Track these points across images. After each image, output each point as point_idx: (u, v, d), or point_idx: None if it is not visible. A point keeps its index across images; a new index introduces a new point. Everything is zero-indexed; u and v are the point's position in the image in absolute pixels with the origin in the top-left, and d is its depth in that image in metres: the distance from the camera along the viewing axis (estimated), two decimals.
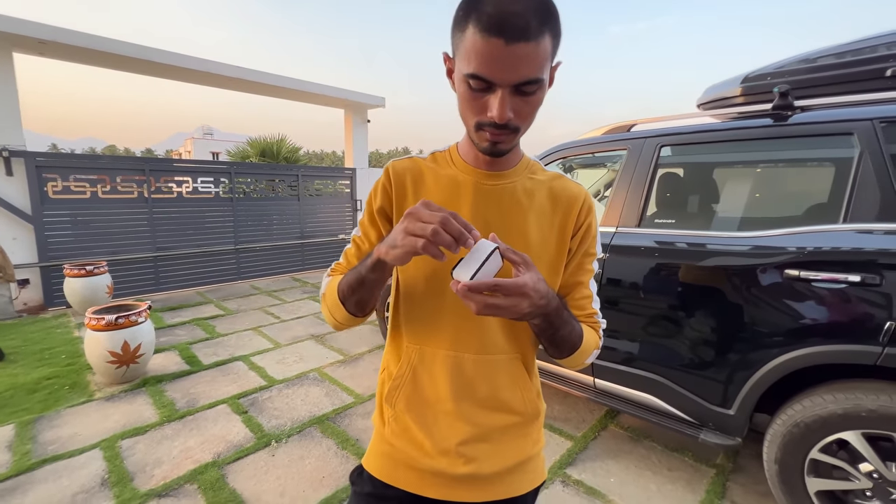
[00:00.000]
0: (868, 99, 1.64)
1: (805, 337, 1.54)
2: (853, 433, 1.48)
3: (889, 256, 1.40)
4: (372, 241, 0.75)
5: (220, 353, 3.42)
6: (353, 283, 0.67)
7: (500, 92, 0.56)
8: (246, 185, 6.06)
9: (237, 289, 5.59)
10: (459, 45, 0.57)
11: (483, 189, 0.71)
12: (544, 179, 0.75)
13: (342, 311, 0.71)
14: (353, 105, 7.66)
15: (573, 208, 0.74)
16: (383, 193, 0.74)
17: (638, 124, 2.22)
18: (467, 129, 0.66)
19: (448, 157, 0.75)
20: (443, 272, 0.70)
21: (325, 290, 0.76)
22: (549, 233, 0.73)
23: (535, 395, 0.78)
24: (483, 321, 0.71)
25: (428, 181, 0.73)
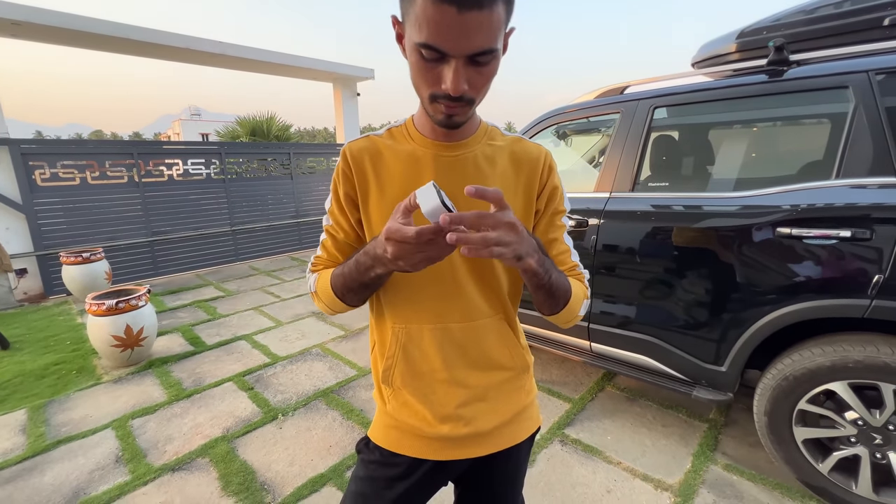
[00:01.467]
0: (865, 50, 1.61)
1: (796, 293, 1.57)
2: (840, 384, 1.53)
3: (880, 210, 1.41)
4: (345, 230, 0.75)
5: (222, 334, 3.47)
6: (354, 286, 0.68)
7: (453, 63, 0.54)
8: (237, 166, 5.98)
9: (236, 270, 5.61)
10: (409, 9, 0.54)
11: (443, 161, 0.70)
12: (504, 144, 0.75)
13: (342, 305, 0.73)
14: (341, 78, 7.47)
15: (535, 169, 0.75)
16: (345, 179, 0.73)
17: (631, 86, 2.17)
18: (421, 101, 0.64)
19: (405, 132, 0.74)
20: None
21: (315, 287, 0.77)
22: (515, 196, 0.74)
23: (523, 349, 0.81)
24: (463, 290, 0.72)
25: (387, 159, 0.72)
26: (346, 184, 0.73)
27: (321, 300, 0.76)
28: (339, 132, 8.01)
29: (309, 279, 0.79)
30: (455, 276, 0.72)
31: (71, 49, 5.80)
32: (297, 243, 6.65)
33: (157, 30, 5.50)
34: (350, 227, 0.75)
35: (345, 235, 0.75)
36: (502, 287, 0.76)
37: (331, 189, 0.76)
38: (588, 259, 2.07)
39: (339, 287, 0.70)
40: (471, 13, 0.51)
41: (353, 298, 0.71)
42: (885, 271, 1.39)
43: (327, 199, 0.77)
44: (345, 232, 0.75)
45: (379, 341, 0.79)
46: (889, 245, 1.39)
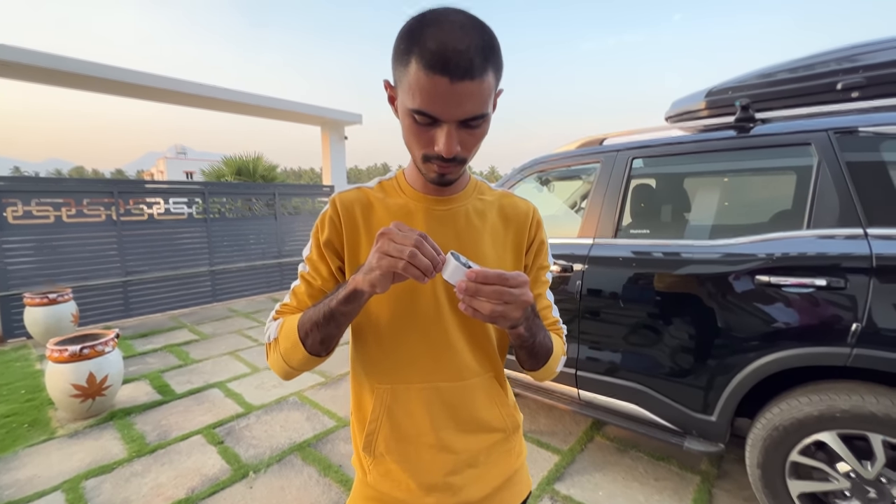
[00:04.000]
0: (823, 111, 1.73)
1: (778, 341, 1.58)
2: (829, 434, 1.52)
3: (850, 260, 1.46)
4: (323, 276, 0.71)
5: (194, 381, 3.28)
6: (320, 319, 0.61)
7: (445, 127, 0.56)
8: (221, 205, 5.94)
9: (213, 312, 5.41)
10: (402, 78, 0.56)
11: (435, 214, 0.71)
12: (493, 199, 0.76)
13: (301, 352, 0.64)
14: (329, 122, 7.65)
15: (524, 225, 0.76)
16: (331, 226, 0.70)
17: (609, 138, 2.28)
18: (414, 159, 0.65)
19: (396, 185, 0.74)
20: (407, 305, 0.68)
21: (274, 334, 0.69)
22: (504, 251, 0.74)
23: (513, 408, 0.77)
24: (454, 347, 0.70)
25: (378, 211, 0.71)
26: (331, 230, 0.71)
27: (278, 349, 0.67)
28: (325, 174, 8.10)
29: (268, 328, 0.71)
30: (446, 333, 0.69)
31: (57, 88, 5.82)
32: (279, 284, 6.51)
33: (145, 72, 5.59)
34: (329, 275, 0.72)
35: (322, 282, 0.71)
36: (492, 344, 0.74)
37: (311, 235, 0.73)
38: (573, 304, 2.07)
39: (304, 323, 0.63)
40: (462, 83, 0.53)
41: (315, 338, 0.62)
42: (861, 320, 1.42)
43: (306, 246, 0.75)
44: (322, 279, 0.72)
45: (360, 405, 0.74)
46: (863, 294, 1.43)
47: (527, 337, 0.64)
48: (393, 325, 0.69)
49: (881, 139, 1.52)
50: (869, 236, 1.46)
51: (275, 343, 0.70)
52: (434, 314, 0.69)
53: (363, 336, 0.71)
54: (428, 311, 0.69)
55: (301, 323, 0.65)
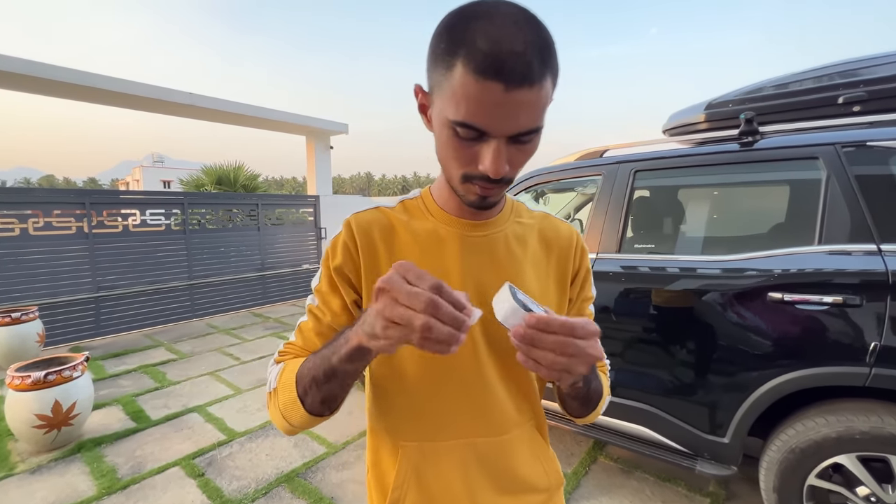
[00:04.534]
0: (825, 125, 1.72)
1: (794, 360, 1.53)
2: (848, 456, 1.47)
3: (866, 276, 1.42)
4: (335, 312, 0.60)
5: (171, 405, 3.07)
6: (320, 376, 0.51)
7: (494, 143, 0.47)
8: (201, 216, 5.72)
9: (191, 328, 5.16)
10: (443, 83, 0.47)
11: (471, 242, 0.61)
12: (532, 222, 0.68)
13: (299, 410, 0.54)
14: (315, 132, 7.52)
15: (568, 252, 0.67)
16: (345, 253, 0.60)
17: (610, 150, 2.24)
18: (449, 178, 0.55)
19: (422, 206, 0.64)
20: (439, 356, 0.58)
21: (275, 382, 0.59)
22: (547, 282, 0.65)
23: (555, 462, 0.68)
24: (494, 396, 0.60)
25: (402, 236, 0.61)
26: (345, 258, 0.60)
27: (276, 401, 0.57)
28: (310, 184, 7.93)
29: (270, 373, 0.61)
30: (484, 379, 0.60)
31: (29, 95, 5.55)
32: (261, 298, 6.29)
33: (121, 78, 5.38)
34: (341, 309, 0.61)
35: (332, 318, 0.60)
36: (535, 389, 0.65)
37: (321, 263, 0.63)
38: None
39: (304, 377, 0.54)
40: (519, 91, 0.44)
41: (315, 396, 0.53)
42: (880, 338, 1.39)
43: (315, 275, 0.64)
44: (333, 314, 0.60)
45: (379, 464, 0.63)
46: (881, 312, 1.39)
47: (582, 388, 0.56)
48: (422, 373, 0.59)
49: (890, 153, 1.50)
50: (883, 252, 1.43)
51: (274, 394, 0.59)
52: (471, 358, 0.59)
53: (384, 386, 0.61)
54: (464, 355, 0.59)
55: (300, 376, 0.55)
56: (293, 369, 0.56)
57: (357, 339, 0.46)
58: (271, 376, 0.61)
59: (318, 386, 0.52)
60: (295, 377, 0.55)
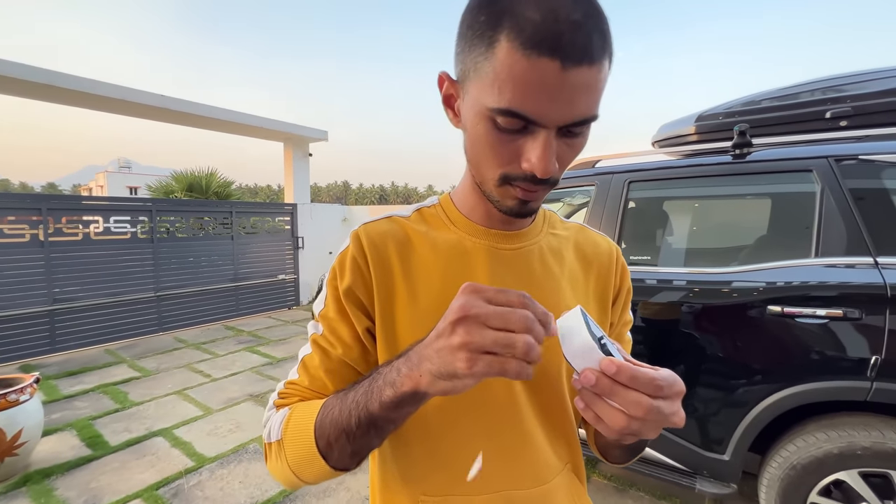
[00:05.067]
0: (817, 138, 1.74)
1: (795, 374, 1.51)
2: (849, 473, 1.45)
3: (865, 290, 1.42)
4: (346, 343, 0.51)
5: (133, 429, 2.83)
6: (352, 427, 0.42)
7: (542, 135, 0.40)
8: (170, 224, 5.43)
9: (158, 343, 4.85)
10: (481, 65, 0.40)
11: (501, 256, 0.53)
12: (568, 234, 0.60)
13: (319, 466, 0.45)
14: (293, 138, 7.33)
15: (609, 269, 0.60)
16: (354, 271, 0.51)
17: (602, 160, 2.21)
18: (481, 181, 0.47)
19: (443, 215, 0.56)
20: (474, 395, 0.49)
21: (278, 433, 0.49)
22: (587, 303, 0.57)
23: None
24: (532, 442, 0.52)
25: (420, 250, 0.53)
26: (355, 276, 0.51)
27: (284, 456, 0.47)
28: (287, 191, 7.71)
29: (269, 421, 0.51)
30: (521, 423, 0.51)
31: None
32: (234, 310, 6.00)
33: (84, 77, 5.08)
34: (353, 340, 0.51)
35: (343, 350, 0.51)
36: (574, 427, 0.56)
37: (327, 284, 0.53)
38: None
39: (325, 427, 0.44)
40: (579, 70, 0.36)
41: (345, 450, 0.44)
42: (881, 352, 1.38)
43: (318, 297, 0.54)
44: (344, 346, 0.51)
45: None
46: (880, 325, 1.39)
47: (637, 441, 0.49)
48: (446, 412, 0.50)
49: (882, 167, 1.52)
50: (880, 265, 1.43)
51: (278, 446, 0.49)
52: (505, 394, 0.51)
53: (404, 430, 0.51)
54: (498, 396, 0.50)
55: (320, 425, 0.45)
56: (305, 417, 0.47)
57: (413, 382, 0.37)
58: (272, 425, 0.50)
59: (350, 438, 0.43)
60: (313, 427, 0.45)
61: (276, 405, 0.52)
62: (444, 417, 0.50)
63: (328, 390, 0.51)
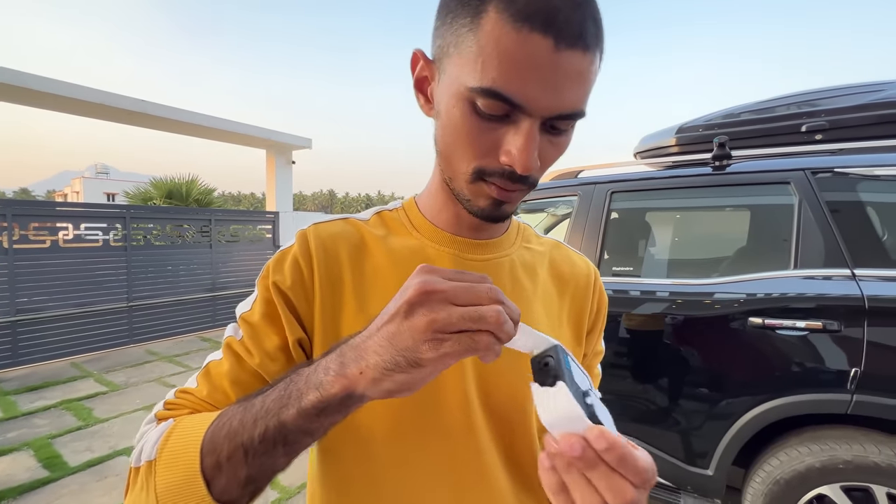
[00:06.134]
0: (794, 151, 1.76)
1: (777, 387, 1.50)
2: (831, 487, 1.43)
3: (843, 301, 1.42)
4: (267, 352, 0.43)
5: (95, 448, 2.67)
6: (254, 440, 0.33)
7: (526, 125, 0.36)
8: (146, 232, 5.25)
9: (128, 355, 4.65)
10: (463, 38, 0.36)
11: (469, 267, 0.48)
12: (542, 250, 0.56)
13: (197, 494, 0.34)
14: (276, 146, 7.24)
15: (585, 293, 0.55)
16: (295, 272, 0.45)
17: (585, 170, 2.21)
18: (451, 176, 0.43)
19: (405, 220, 0.51)
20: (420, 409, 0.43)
21: (152, 451, 0.37)
22: (560, 329, 0.52)
23: None
24: (489, 476, 0.46)
25: (376, 256, 0.47)
26: (295, 280, 0.45)
27: (155, 480, 0.35)
28: (269, 200, 7.58)
29: (143, 438, 0.40)
30: (481, 462, 0.45)
31: None
32: (211, 321, 5.81)
33: (63, 81, 4.94)
34: (278, 351, 0.44)
35: (261, 361, 0.43)
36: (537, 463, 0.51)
37: (257, 283, 0.47)
38: None
39: (221, 440, 0.34)
40: (572, 53, 0.33)
41: (237, 473, 0.34)
42: (860, 364, 1.37)
43: (247, 300, 0.47)
44: (264, 356, 0.43)
45: None
46: (859, 337, 1.39)
47: None
48: (395, 440, 0.44)
49: (857, 180, 1.54)
50: (857, 277, 1.43)
51: (147, 470, 0.36)
52: (463, 422, 0.45)
53: (339, 455, 0.45)
54: (453, 418, 0.44)
55: (211, 439, 0.35)
56: (193, 431, 0.36)
57: (347, 382, 0.31)
58: (147, 442, 0.38)
59: (247, 456, 0.33)
60: (201, 443, 0.35)
61: (158, 417, 0.42)
62: (392, 443, 0.44)
63: (229, 402, 0.42)
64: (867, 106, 1.74)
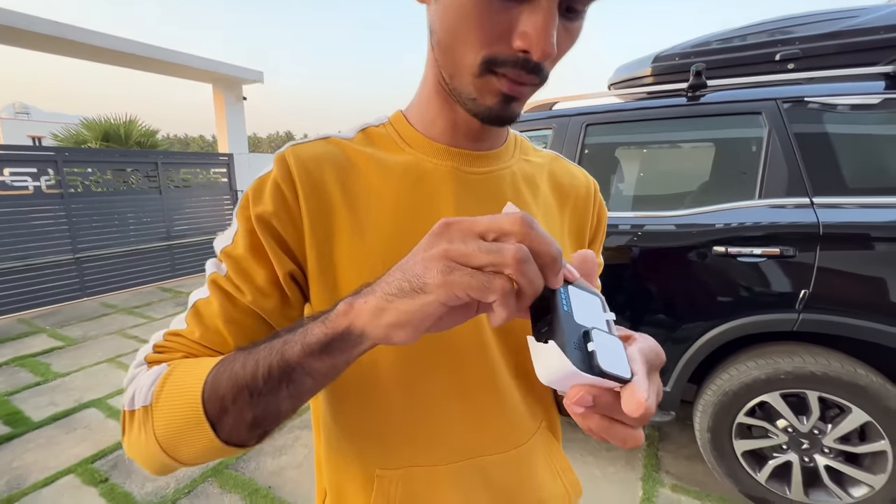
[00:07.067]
0: (768, 80, 1.75)
1: (733, 309, 1.61)
2: (772, 395, 1.59)
3: (800, 229, 1.50)
4: (259, 288, 0.40)
5: (59, 402, 2.58)
6: (258, 380, 0.32)
7: (544, 3, 0.31)
8: (84, 178, 4.78)
9: (82, 309, 4.42)
10: None
11: (469, 180, 0.45)
12: (542, 162, 0.52)
13: (204, 437, 0.33)
14: (223, 79, 6.58)
15: (586, 205, 0.53)
16: (277, 199, 0.40)
17: (559, 102, 2.13)
18: (454, 73, 0.38)
19: (394, 134, 0.46)
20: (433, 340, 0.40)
21: (148, 396, 0.36)
22: (561, 241, 0.51)
23: (572, 471, 0.55)
24: (505, 401, 0.46)
25: (367, 175, 0.43)
26: (280, 211, 0.40)
27: (153, 424, 0.35)
28: (221, 141, 7.02)
29: (134, 381, 0.38)
30: (493, 378, 0.44)
31: None
32: (170, 270, 5.56)
33: None
34: (270, 286, 0.40)
35: (254, 298, 0.40)
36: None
37: (237, 215, 0.41)
38: None
39: (223, 382, 0.33)
40: None
41: (244, 415, 0.33)
42: (809, 286, 1.48)
43: (223, 233, 0.43)
44: (256, 292, 0.40)
45: (342, 499, 0.46)
46: (811, 261, 1.48)
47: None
48: (407, 373, 0.42)
49: (825, 110, 1.56)
50: (815, 205, 1.50)
51: (144, 414, 0.36)
52: (476, 351, 0.43)
53: (348, 392, 0.43)
54: (467, 347, 0.43)
55: (214, 382, 0.34)
56: (192, 375, 0.35)
57: (354, 315, 0.29)
58: (139, 386, 0.37)
59: (253, 396, 0.32)
60: (203, 386, 0.34)
61: (149, 361, 0.40)
62: (404, 376, 0.42)
63: (228, 347, 0.40)
64: (840, 34, 1.73)
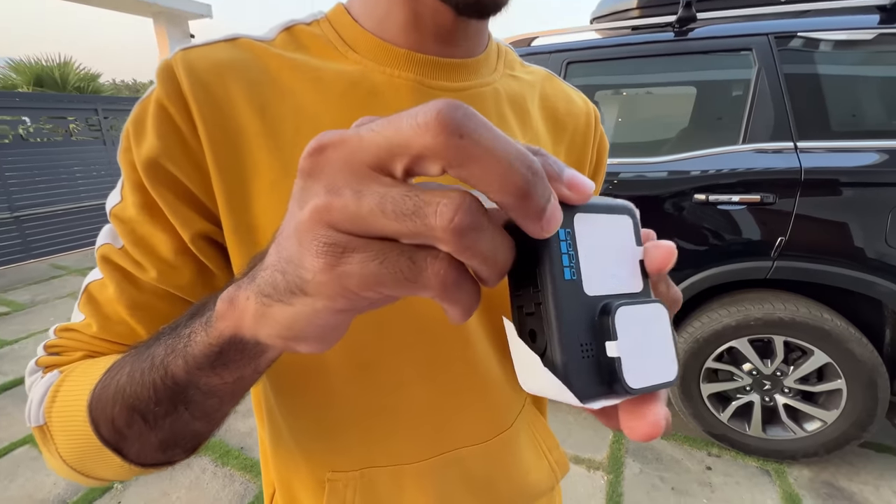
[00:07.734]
0: (763, 13, 1.63)
1: (709, 258, 1.59)
2: (740, 341, 1.62)
3: (782, 174, 1.45)
4: (164, 259, 0.30)
5: (8, 371, 2.42)
6: (151, 404, 0.23)
7: None
8: (12, 126, 4.27)
9: (28, 272, 4.11)
10: None
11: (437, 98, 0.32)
12: (532, 80, 0.40)
13: (112, 463, 0.26)
14: (165, 13, 5.85)
15: (587, 138, 0.42)
16: (164, 130, 0.28)
17: (539, 37, 1.95)
18: None
19: (332, 35, 0.33)
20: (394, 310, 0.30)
21: (41, 415, 0.29)
22: None
23: (559, 448, 0.48)
24: (486, 380, 0.37)
25: (295, 91, 0.31)
26: (173, 148, 0.29)
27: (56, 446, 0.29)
28: None
29: (30, 390, 0.31)
30: (472, 354, 0.35)
31: None
32: None
33: None
34: (177, 255, 0.30)
35: (159, 273, 0.30)
36: None
37: (119, 159, 0.30)
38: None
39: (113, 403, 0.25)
40: None
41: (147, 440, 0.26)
42: (786, 233, 1.46)
43: (113, 191, 0.31)
44: (161, 265, 0.30)
45: (288, 498, 0.38)
46: (790, 208, 1.45)
47: None
48: (359, 352, 0.32)
49: (816, 48, 1.47)
50: (798, 150, 1.45)
51: (42, 434, 0.29)
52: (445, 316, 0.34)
53: (288, 377, 0.33)
54: (433, 312, 0.32)
55: (97, 400, 0.26)
56: (79, 389, 0.28)
57: (237, 316, 0.17)
58: (32, 399, 0.30)
59: (147, 421, 0.24)
60: (87, 405, 0.26)
61: (42, 365, 0.31)
62: (353, 357, 0.32)
63: (139, 338, 0.30)
64: None
